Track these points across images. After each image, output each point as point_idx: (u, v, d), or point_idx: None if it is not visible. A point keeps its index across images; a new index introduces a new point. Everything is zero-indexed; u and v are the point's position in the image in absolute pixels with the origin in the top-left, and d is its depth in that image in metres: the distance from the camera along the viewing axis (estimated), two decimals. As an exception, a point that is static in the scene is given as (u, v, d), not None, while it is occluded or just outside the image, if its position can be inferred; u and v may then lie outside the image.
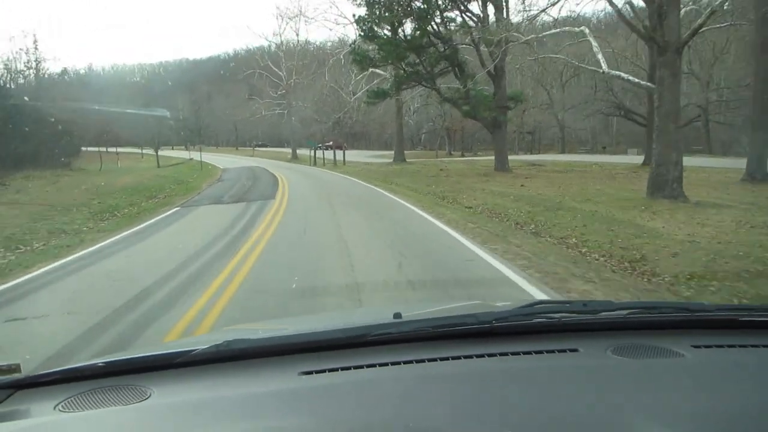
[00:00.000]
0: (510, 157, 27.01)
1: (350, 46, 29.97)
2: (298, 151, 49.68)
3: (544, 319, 1.56)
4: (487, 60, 22.96)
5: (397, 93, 28.41)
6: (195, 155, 40.23)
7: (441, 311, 1.87)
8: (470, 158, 46.63)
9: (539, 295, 5.21)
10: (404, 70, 24.68)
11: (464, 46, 25.25)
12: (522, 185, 17.74)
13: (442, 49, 24.26)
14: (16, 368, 1.27)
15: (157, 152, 40.20)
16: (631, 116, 38.41)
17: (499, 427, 1.06)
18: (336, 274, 6.31)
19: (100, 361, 1.32)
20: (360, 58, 25.53)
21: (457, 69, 24.52)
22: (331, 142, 42.76)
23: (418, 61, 24.28)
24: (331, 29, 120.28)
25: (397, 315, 1.56)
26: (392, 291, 5.62)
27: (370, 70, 27.73)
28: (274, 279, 6.24)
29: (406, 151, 47.69)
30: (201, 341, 1.45)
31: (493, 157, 26.92)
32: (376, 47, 24.49)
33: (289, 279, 6.09)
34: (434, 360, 1.37)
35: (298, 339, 1.49)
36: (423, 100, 47.16)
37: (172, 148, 57.98)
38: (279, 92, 50.21)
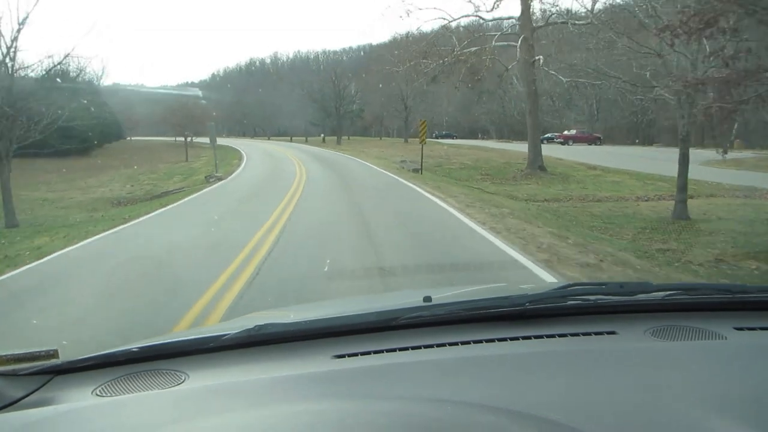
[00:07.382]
0: None
1: None
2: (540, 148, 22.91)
3: (579, 301, 1.50)
4: None
5: None
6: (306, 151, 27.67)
7: (470, 293, 1.77)
8: None
9: None
10: None
11: None
12: None
13: None
14: (54, 354, 1.30)
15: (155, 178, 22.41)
16: None
17: (537, 410, 1.02)
18: None
19: (134, 346, 1.37)
20: None
21: None
22: (573, 131, 21.00)
23: None
24: None
25: (427, 298, 1.53)
26: None
27: None
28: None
29: (661, 148, 23.12)
30: (233, 326, 1.48)
31: None
32: None
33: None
34: (467, 343, 1.35)
35: (329, 323, 1.49)
36: None
37: (306, 140, 50.87)
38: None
